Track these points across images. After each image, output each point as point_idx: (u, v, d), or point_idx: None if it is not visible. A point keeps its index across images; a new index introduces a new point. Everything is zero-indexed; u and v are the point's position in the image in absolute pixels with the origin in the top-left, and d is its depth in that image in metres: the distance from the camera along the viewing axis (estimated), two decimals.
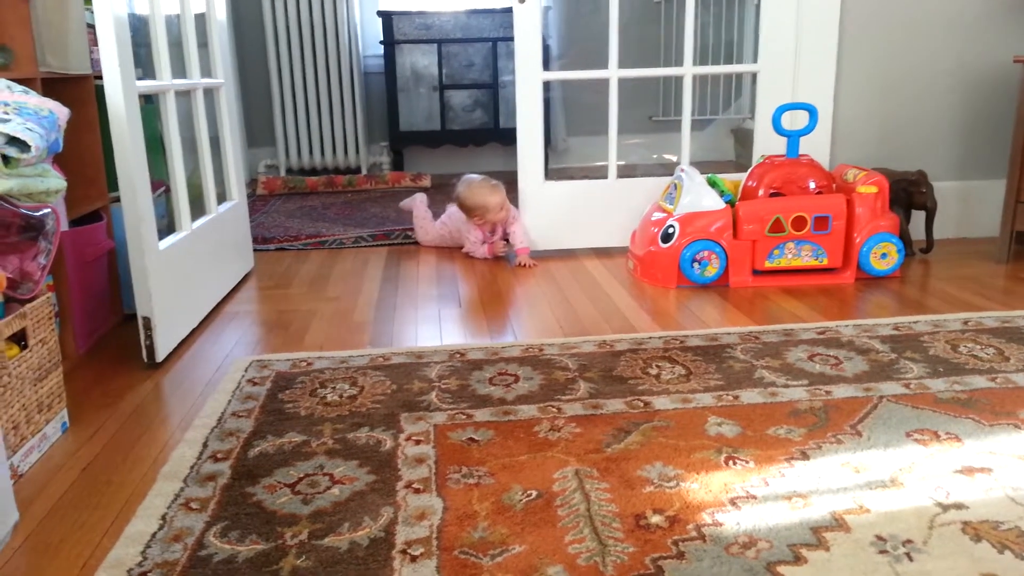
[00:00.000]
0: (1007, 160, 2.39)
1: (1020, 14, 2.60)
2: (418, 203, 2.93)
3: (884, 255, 2.23)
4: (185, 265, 1.95)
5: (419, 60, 4.11)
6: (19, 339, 1.33)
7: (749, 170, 2.37)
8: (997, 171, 2.68)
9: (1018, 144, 2.30)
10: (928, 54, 2.62)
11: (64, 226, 1.75)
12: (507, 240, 2.65)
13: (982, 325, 1.86)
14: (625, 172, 2.75)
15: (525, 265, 2.52)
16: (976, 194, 2.71)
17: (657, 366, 1.65)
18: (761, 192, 2.27)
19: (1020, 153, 2.30)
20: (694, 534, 1.07)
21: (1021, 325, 1.85)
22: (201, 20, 2.27)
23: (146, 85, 1.82)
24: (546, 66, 2.70)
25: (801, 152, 2.33)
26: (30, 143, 1.29)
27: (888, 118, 2.66)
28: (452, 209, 2.76)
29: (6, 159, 1.29)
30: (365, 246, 2.86)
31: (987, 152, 2.70)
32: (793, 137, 2.29)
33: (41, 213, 1.38)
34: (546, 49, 3.99)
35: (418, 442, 1.35)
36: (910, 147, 2.68)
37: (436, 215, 2.87)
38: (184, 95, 2.11)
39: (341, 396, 1.54)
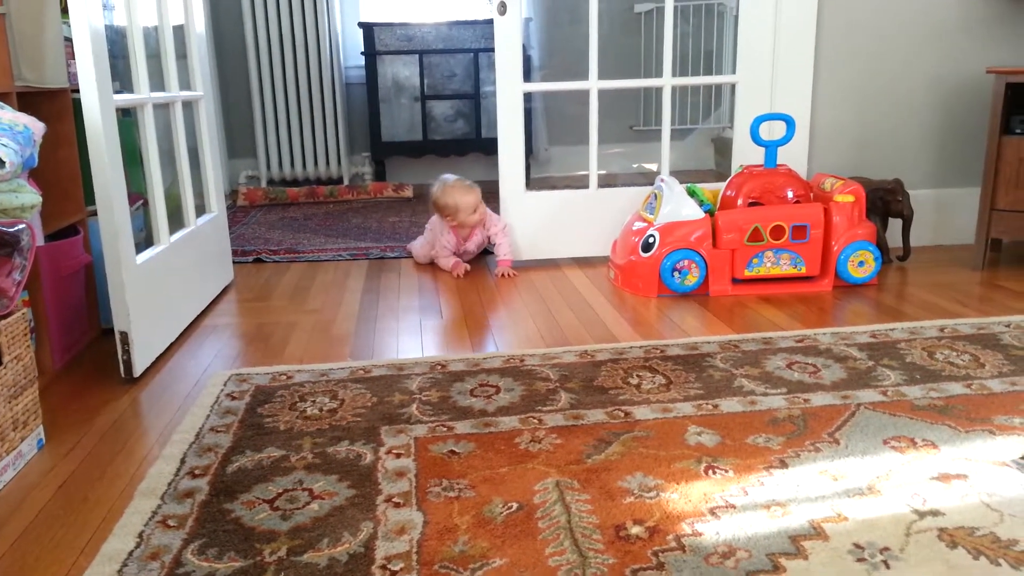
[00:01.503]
0: (981, 168, 2.43)
1: (993, 26, 2.64)
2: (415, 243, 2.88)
3: (861, 263, 2.26)
4: (163, 279, 1.94)
5: (401, 71, 4.12)
6: None
7: (728, 180, 2.39)
8: (972, 179, 2.71)
9: (992, 153, 2.34)
10: (903, 65, 2.66)
11: (40, 241, 1.73)
12: (490, 251, 2.66)
13: (958, 332, 1.88)
14: (606, 181, 2.76)
15: (505, 275, 2.53)
16: (952, 202, 2.75)
17: (638, 376, 1.66)
18: (740, 202, 2.29)
19: (994, 162, 2.33)
20: (674, 544, 1.07)
21: (996, 331, 1.88)
22: (180, 32, 2.26)
23: (124, 99, 1.81)
24: (527, 77, 2.72)
25: (779, 162, 2.36)
26: (4, 159, 1.28)
27: (864, 128, 2.70)
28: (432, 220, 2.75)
29: None
30: (343, 260, 2.85)
31: (962, 161, 2.74)
32: (771, 147, 2.31)
33: (16, 229, 1.37)
34: (527, 60, 4.01)
35: (398, 455, 1.34)
36: (886, 156, 2.72)
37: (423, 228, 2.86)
38: (163, 108, 2.11)
39: (321, 410, 1.53)
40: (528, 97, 2.67)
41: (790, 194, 2.28)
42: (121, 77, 2.04)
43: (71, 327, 1.88)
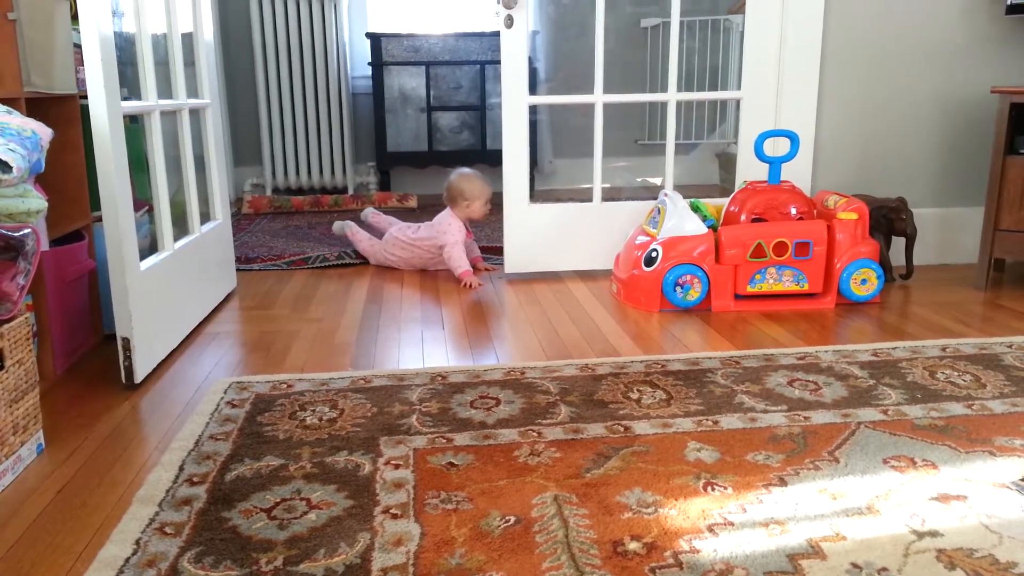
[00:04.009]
0: (985, 188, 2.43)
1: (997, 45, 2.65)
2: (348, 232, 2.98)
3: (864, 281, 2.25)
4: (166, 285, 1.94)
5: (407, 82, 4.13)
6: None
7: (731, 196, 2.39)
8: (976, 198, 2.72)
9: (996, 173, 2.34)
10: (908, 83, 2.67)
11: (44, 246, 1.74)
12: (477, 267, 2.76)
13: (960, 352, 1.88)
14: (610, 195, 2.77)
15: (485, 269, 2.76)
16: (955, 221, 2.75)
17: (638, 390, 1.66)
18: (743, 217, 2.29)
19: (998, 181, 2.34)
20: (671, 561, 1.07)
21: (998, 352, 1.87)
22: (188, 40, 2.28)
23: (131, 106, 1.82)
24: (533, 89, 2.73)
25: (783, 178, 2.36)
26: (11, 164, 1.29)
27: (868, 145, 2.70)
28: (391, 238, 2.82)
29: None
30: (349, 264, 2.86)
31: (966, 180, 2.74)
32: (775, 163, 2.32)
33: (21, 233, 1.38)
34: (533, 72, 4.02)
35: (397, 466, 1.34)
36: (890, 174, 2.72)
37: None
38: (170, 115, 2.12)
39: (321, 419, 1.53)
40: (533, 110, 2.69)
41: (793, 211, 2.29)
42: (129, 84, 2.05)
43: (74, 332, 1.89)
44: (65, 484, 1.33)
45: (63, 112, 1.88)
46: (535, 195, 2.73)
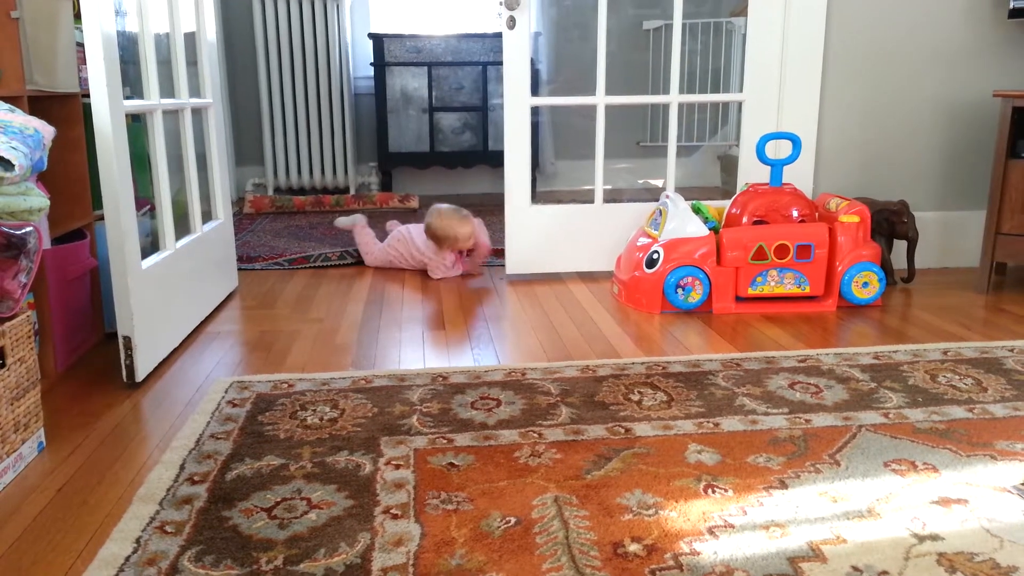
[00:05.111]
0: (987, 191, 2.43)
1: (1000, 49, 2.65)
2: (358, 226, 2.99)
3: (865, 284, 2.25)
4: (168, 284, 1.94)
5: (409, 82, 4.14)
6: None
7: (733, 198, 2.39)
8: (978, 202, 2.72)
9: (998, 176, 2.34)
10: (910, 86, 2.67)
11: (46, 244, 1.74)
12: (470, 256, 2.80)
13: (961, 355, 1.88)
14: (612, 197, 2.77)
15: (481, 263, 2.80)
16: (957, 224, 2.75)
17: (639, 392, 1.66)
18: (745, 220, 2.29)
19: (1000, 185, 2.33)
20: (671, 563, 1.07)
21: (1000, 356, 1.87)
22: (191, 39, 2.28)
23: (133, 105, 1.82)
24: (535, 90, 2.74)
25: (784, 181, 2.36)
26: (14, 162, 1.29)
27: (870, 148, 2.70)
28: (397, 234, 2.83)
29: None
30: (351, 264, 2.86)
31: (968, 183, 2.74)
32: (777, 166, 2.32)
33: (23, 231, 1.38)
34: (535, 74, 4.03)
35: (398, 467, 1.34)
36: (892, 177, 2.72)
37: (384, 236, 2.95)
38: (172, 114, 2.12)
39: (321, 419, 1.53)
40: (535, 111, 2.68)
41: (795, 213, 2.29)
42: (132, 83, 2.05)
43: (75, 330, 1.89)
44: (66, 482, 1.33)
45: (65, 111, 1.88)
46: (537, 196, 2.74)
